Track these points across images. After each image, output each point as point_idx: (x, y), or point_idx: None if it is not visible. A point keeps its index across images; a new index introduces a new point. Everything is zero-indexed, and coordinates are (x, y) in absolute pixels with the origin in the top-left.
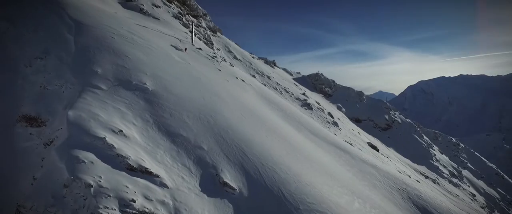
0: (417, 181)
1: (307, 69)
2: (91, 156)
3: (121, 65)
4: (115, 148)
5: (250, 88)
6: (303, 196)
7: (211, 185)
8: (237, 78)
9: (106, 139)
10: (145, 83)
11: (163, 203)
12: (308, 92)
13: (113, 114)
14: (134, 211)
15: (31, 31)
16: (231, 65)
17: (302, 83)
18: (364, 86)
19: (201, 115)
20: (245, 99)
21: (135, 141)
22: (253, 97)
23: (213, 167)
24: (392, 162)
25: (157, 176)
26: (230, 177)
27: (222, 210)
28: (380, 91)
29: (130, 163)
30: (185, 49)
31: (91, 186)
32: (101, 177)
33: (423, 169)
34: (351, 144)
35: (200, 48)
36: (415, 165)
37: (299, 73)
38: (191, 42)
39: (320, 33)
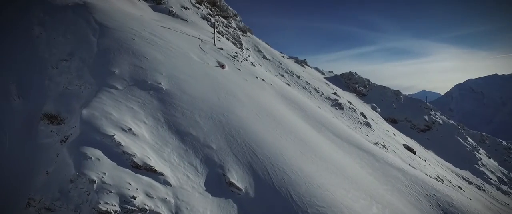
0: (459, 187)
1: (344, 68)
2: (98, 153)
3: (138, 66)
4: (122, 145)
5: (270, 87)
6: (313, 199)
7: (217, 184)
8: (257, 77)
9: (115, 136)
10: (160, 83)
11: (164, 200)
12: (340, 91)
13: (125, 113)
14: (133, 208)
15: (60, 35)
16: (252, 64)
17: (334, 83)
18: (406, 86)
19: (213, 114)
20: (262, 99)
21: (143, 139)
22: (272, 96)
23: (220, 167)
24: (430, 165)
25: (161, 174)
26: (237, 177)
27: (225, 210)
28: (424, 91)
29: (135, 160)
30: (222, 66)
31: (95, 182)
32: (105, 173)
33: (466, 174)
34: (384, 146)
35: (222, 48)
36: (457, 170)
37: (331, 72)
38: (213, 42)
39: (358, 31)
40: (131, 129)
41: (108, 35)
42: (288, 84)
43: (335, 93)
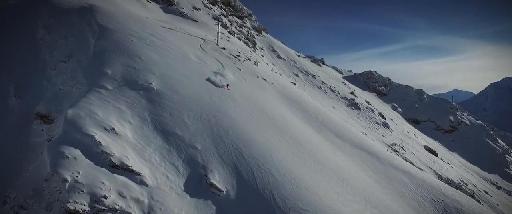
0: (485, 192)
1: (369, 68)
2: (76, 152)
3: (132, 66)
4: (101, 145)
5: (271, 87)
6: (298, 202)
7: (198, 185)
8: (257, 77)
9: (95, 136)
10: (151, 83)
11: (137, 201)
12: (358, 91)
13: (111, 113)
14: (103, 207)
15: (62, 38)
16: (255, 64)
17: (353, 82)
18: (435, 85)
19: (203, 114)
20: (259, 99)
21: (125, 139)
22: (272, 96)
23: (203, 167)
24: (453, 168)
25: (138, 174)
26: (218, 178)
27: (203, 211)
28: (455, 90)
29: (113, 160)
30: (227, 85)
31: (67, 181)
32: (79, 172)
33: (495, 178)
34: (402, 147)
35: (224, 48)
36: (485, 173)
37: (350, 71)
38: (216, 42)
39: (384, 29)
40: (114, 129)
41: (106, 36)
42: (295, 84)
43: (352, 92)
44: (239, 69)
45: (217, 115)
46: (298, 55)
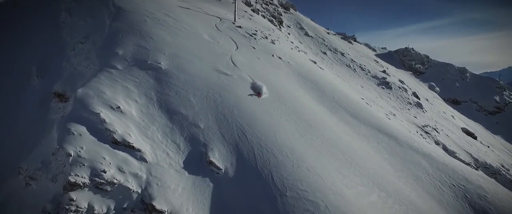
0: None
1: (412, 45)
2: (81, 129)
3: (143, 46)
4: (105, 122)
5: (287, 66)
6: (296, 182)
7: (197, 163)
8: (272, 55)
9: (101, 114)
10: (160, 63)
11: (136, 176)
12: (391, 69)
13: (118, 92)
14: (102, 181)
15: (82, 20)
16: (272, 42)
17: (386, 60)
18: (486, 62)
19: (210, 93)
20: (271, 78)
21: (130, 117)
22: (286, 75)
23: (203, 145)
24: (494, 152)
25: (139, 151)
26: (218, 156)
27: (199, 188)
28: (510, 67)
29: (115, 137)
30: (258, 93)
31: (71, 155)
32: (82, 148)
33: None
34: (435, 129)
35: (240, 26)
36: None
37: (384, 48)
38: (233, 20)
39: (431, 1)
40: (119, 107)
41: (121, 17)
42: (315, 62)
43: (384, 71)
44: (254, 48)
45: (224, 94)
46: (328, 33)
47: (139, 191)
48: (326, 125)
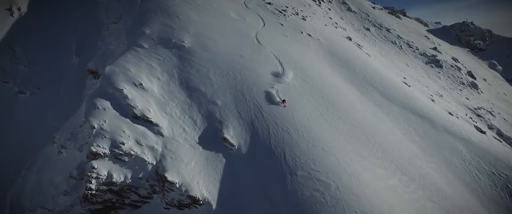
0: None
1: (472, 18)
2: (106, 104)
3: (169, 25)
4: (128, 98)
5: (316, 43)
6: (309, 162)
7: (212, 139)
8: (301, 32)
9: (124, 90)
10: (183, 41)
11: (152, 148)
12: (445, 46)
13: (142, 69)
14: (120, 152)
15: (117, 1)
16: (303, 18)
17: (440, 36)
18: None
19: (230, 71)
20: (296, 56)
21: (151, 93)
22: (313, 53)
23: (219, 122)
24: None
25: (157, 125)
26: (232, 133)
27: (212, 163)
28: None
29: (135, 112)
30: (283, 101)
31: (94, 127)
32: (105, 121)
33: None
34: (490, 112)
35: (270, 3)
36: None
37: (438, 23)
38: None
39: None
40: (141, 84)
41: None
42: (350, 39)
43: (434, 48)
44: (282, 25)
45: (244, 72)
46: (373, 7)
47: (154, 163)
48: (351, 105)
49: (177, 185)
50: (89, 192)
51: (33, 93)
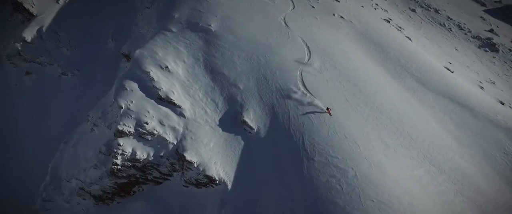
0: None
1: None
2: (133, 85)
3: (197, 9)
4: (154, 80)
5: (348, 26)
6: (328, 148)
7: (232, 121)
8: (333, 15)
9: (151, 73)
10: (210, 25)
11: (173, 129)
12: (505, 28)
13: (169, 53)
14: (144, 131)
15: None
16: (337, 0)
17: (500, 16)
18: None
19: (254, 55)
20: (324, 39)
21: (176, 76)
22: (343, 36)
23: (240, 106)
24: None
25: (179, 107)
26: (252, 117)
27: (230, 145)
28: None
29: (160, 93)
30: (328, 109)
31: (122, 107)
32: (132, 102)
33: None
34: None
35: None
36: None
37: (498, 1)
38: None
39: None
40: (167, 67)
41: None
42: (389, 21)
43: (491, 30)
44: (313, 7)
45: (269, 56)
46: None
47: (175, 143)
48: (381, 91)
49: (195, 165)
50: (115, 167)
51: (74, 74)
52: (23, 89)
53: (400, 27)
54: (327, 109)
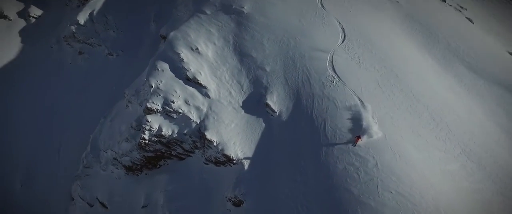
0: None
1: None
2: (165, 66)
3: None
4: (183, 61)
5: (393, 6)
6: (350, 135)
7: (255, 104)
8: None
9: (181, 54)
10: (243, 7)
11: (198, 108)
12: None
13: (201, 35)
14: (170, 109)
15: None
16: None
17: None
18: None
19: (284, 37)
20: (366, 21)
21: (205, 58)
22: (386, 17)
23: (265, 88)
24: None
25: (205, 88)
26: (276, 100)
27: (251, 126)
28: None
29: (188, 74)
30: (357, 138)
31: (152, 86)
32: (162, 81)
33: None
34: None
35: None
36: None
37: None
38: None
39: None
40: (198, 48)
41: None
42: (444, 1)
43: None
44: None
45: (299, 38)
46: None
47: (198, 122)
48: (421, 77)
49: (215, 144)
50: (143, 141)
51: (118, 55)
52: (76, 68)
53: (462, 7)
54: (357, 137)
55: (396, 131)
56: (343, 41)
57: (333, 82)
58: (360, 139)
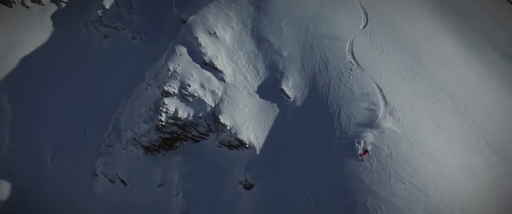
0: None
1: None
2: (183, 50)
3: None
4: (201, 46)
5: None
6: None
7: (270, 89)
8: None
9: (199, 38)
10: None
11: (213, 92)
12: None
13: (220, 19)
14: (186, 93)
15: None
16: None
17: None
18: None
19: (303, 22)
20: (391, 5)
21: (223, 42)
22: (415, 2)
23: (280, 73)
24: None
25: (221, 72)
26: (291, 85)
27: (265, 111)
28: None
29: (205, 58)
30: (365, 152)
31: (170, 70)
32: (179, 65)
33: None
34: None
35: None
36: None
37: None
38: None
39: None
40: (215, 33)
41: None
42: None
43: None
44: None
45: (319, 23)
46: None
47: (212, 105)
48: (448, 65)
49: (228, 127)
50: (160, 123)
51: (141, 39)
52: (102, 51)
53: None
54: (364, 151)
55: (415, 120)
56: (365, 26)
57: (352, 69)
58: (367, 154)
